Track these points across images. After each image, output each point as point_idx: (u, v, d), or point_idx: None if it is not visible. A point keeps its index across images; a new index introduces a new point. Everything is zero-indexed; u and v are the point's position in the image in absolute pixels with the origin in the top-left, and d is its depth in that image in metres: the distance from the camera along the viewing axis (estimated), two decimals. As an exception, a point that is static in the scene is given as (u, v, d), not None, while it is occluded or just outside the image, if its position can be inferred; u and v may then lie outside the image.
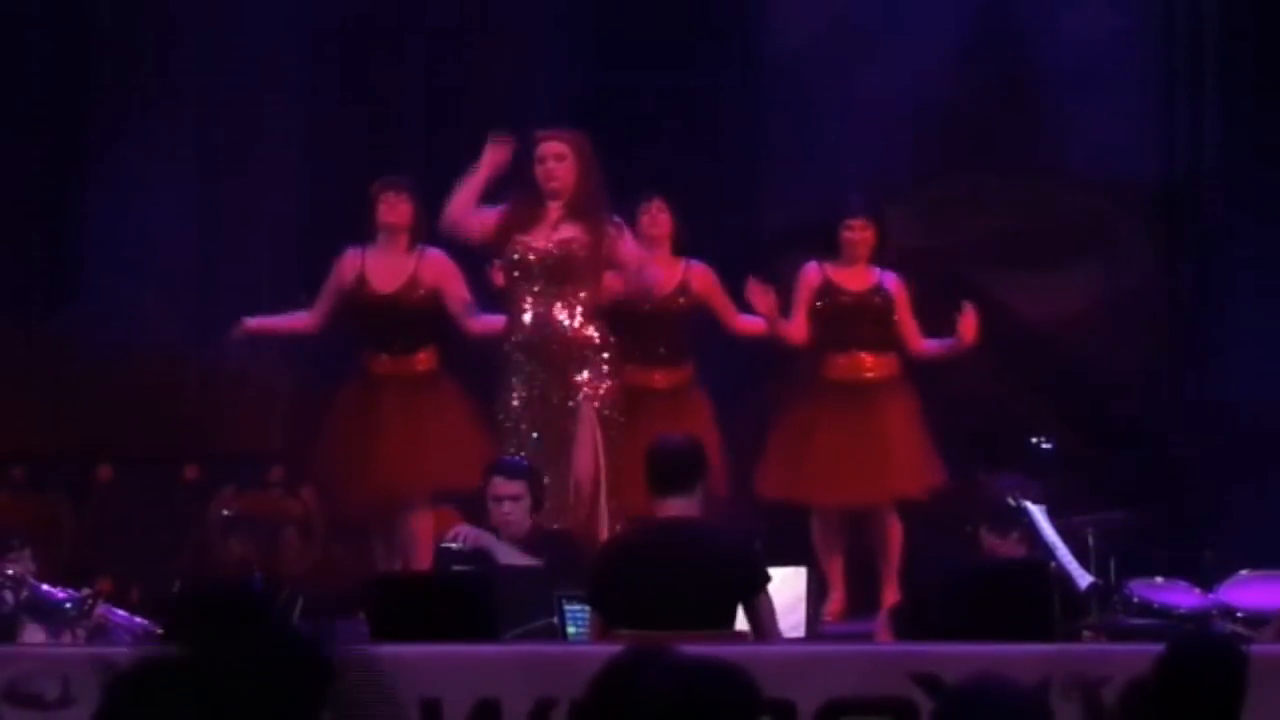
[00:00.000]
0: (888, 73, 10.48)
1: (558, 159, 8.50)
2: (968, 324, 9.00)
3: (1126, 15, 10.84)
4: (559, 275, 8.54)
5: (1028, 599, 6.66)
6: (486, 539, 7.63)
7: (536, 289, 8.51)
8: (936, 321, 9.28)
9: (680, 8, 10.84)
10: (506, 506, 8.03)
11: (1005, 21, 10.87)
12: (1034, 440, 8.96)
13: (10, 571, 8.15)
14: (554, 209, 8.50)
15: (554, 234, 8.53)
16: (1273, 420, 10.15)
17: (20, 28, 11.09)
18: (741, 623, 6.58)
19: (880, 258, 9.40)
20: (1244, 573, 8.02)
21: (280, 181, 11.00)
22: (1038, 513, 7.75)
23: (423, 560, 8.53)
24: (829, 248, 9.36)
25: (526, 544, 7.98)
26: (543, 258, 8.51)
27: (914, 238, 10.45)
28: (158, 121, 10.92)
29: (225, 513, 10.30)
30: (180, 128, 11.01)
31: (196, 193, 11.08)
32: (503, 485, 8.07)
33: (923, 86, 10.60)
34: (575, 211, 8.46)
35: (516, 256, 8.51)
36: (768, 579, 6.56)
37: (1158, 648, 4.71)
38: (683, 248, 9.16)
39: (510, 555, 7.67)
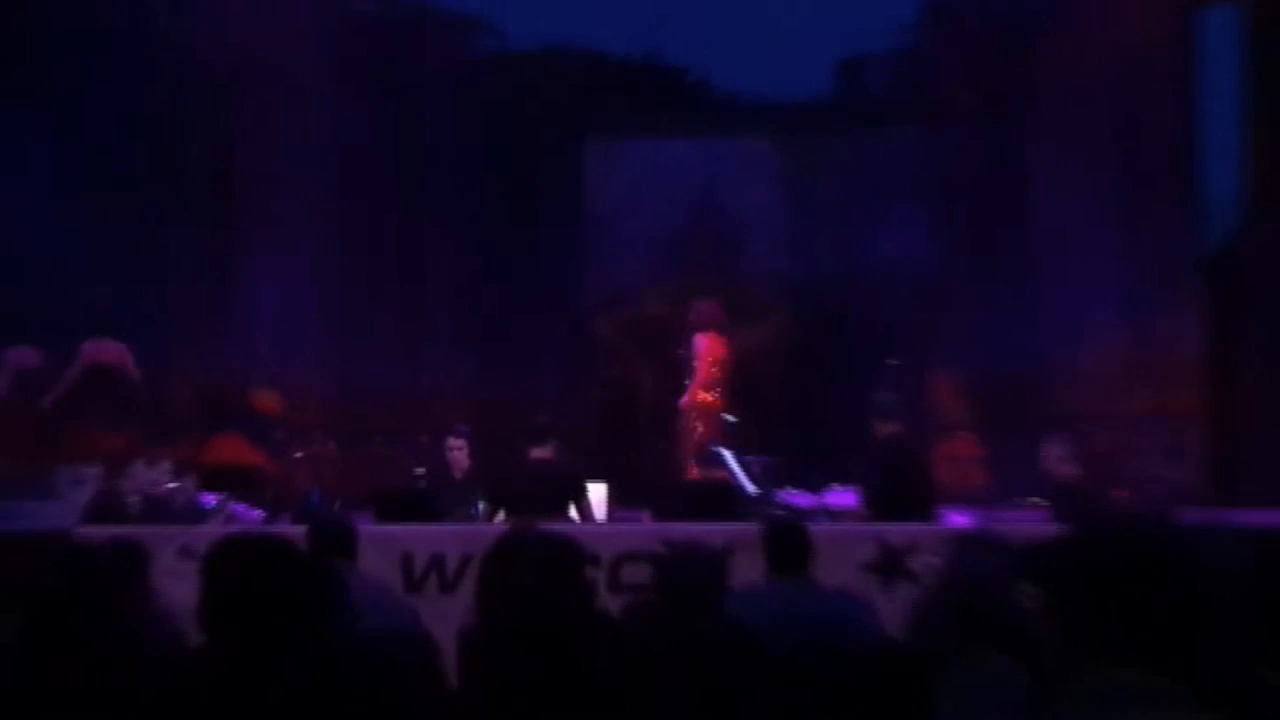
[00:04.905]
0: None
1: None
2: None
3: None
4: None
5: (723, 506, 9.18)
6: None
7: None
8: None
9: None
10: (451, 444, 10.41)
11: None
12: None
13: (173, 485, 9.18)
14: None
15: None
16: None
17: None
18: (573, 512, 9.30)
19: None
20: (835, 486, 9.89)
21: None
22: (729, 456, 10.01)
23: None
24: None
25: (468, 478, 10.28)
26: None
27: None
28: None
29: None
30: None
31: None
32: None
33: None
34: None
35: None
36: (585, 488, 9.46)
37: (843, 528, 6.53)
38: None
39: None
